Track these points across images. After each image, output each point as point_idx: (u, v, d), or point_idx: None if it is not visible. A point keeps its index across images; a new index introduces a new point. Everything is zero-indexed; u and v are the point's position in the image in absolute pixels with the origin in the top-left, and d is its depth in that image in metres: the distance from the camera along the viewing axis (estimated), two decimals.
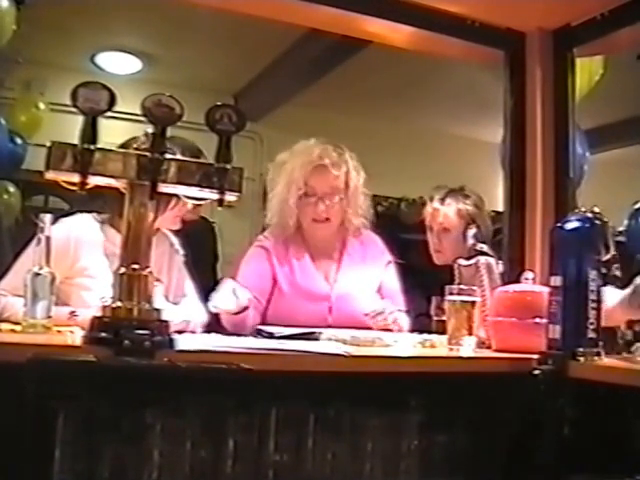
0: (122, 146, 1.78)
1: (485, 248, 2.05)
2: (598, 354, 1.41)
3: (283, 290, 2.18)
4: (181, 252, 2.08)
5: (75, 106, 1.18)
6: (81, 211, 1.94)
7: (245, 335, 1.82)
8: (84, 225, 1.90)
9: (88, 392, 1.09)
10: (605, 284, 1.49)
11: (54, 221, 1.50)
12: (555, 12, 2.06)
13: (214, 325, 1.99)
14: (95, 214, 1.93)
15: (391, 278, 2.30)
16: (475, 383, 1.40)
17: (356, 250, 2.28)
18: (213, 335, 1.70)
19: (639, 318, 1.75)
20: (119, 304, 1.21)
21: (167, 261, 2.02)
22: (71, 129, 1.29)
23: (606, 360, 1.42)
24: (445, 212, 2.54)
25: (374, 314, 2.00)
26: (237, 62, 4.35)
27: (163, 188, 1.26)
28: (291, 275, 2.19)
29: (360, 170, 2.21)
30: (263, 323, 2.03)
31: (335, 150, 2.16)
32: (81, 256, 1.84)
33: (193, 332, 1.84)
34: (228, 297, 1.90)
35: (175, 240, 2.08)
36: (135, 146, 1.80)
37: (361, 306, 2.10)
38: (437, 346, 1.67)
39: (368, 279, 2.25)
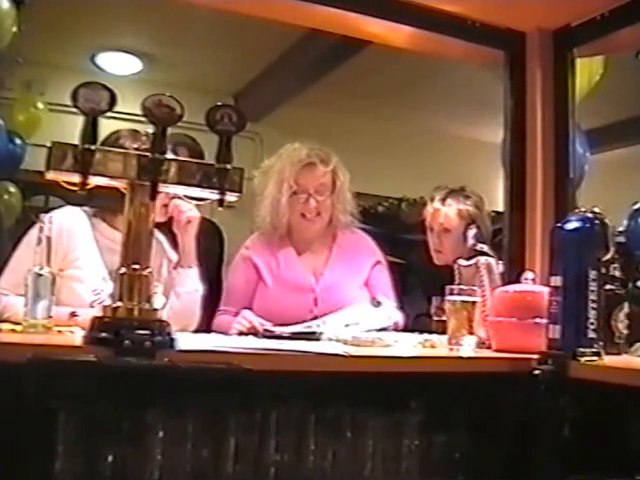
0: (104, 141, 1.78)
1: (485, 248, 2.06)
2: (598, 354, 1.41)
3: (267, 284, 2.24)
4: (170, 253, 2.07)
5: (76, 106, 1.18)
6: (70, 204, 1.95)
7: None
8: (75, 217, 1.92)
9: (88, 392, 1.09)
10: (605, 284, 1.49)
11: None
12: (555, 12, 2.06)
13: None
14: (85, 207, 1.94)
15: (380, 276, 2.33)
16: (475, 383, 1.40)
17: (345, 246, 2.33)
18: (213, 335, 1.70)
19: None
20: (119, 304, 1.21)
21: (159, 260, 2.01)
22: (71, 129, 1.29)
23: (606, 360, 1.42)
24: (446, 212, 2.54)
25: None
26: (237, 62, 4.35)
27: (163, 188, 1.26)
28: (276, 269, 2.26)
29: (345, 169, 2.28)
30: None
31: (321, 149, 2.25)
32: (73, 247, 1.86)
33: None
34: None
35: (162, 237, 2.06)
36: (120, 140, 1.81)
37: (347, 298, 2.16)
38: (437, 346, 1.67)
39: (355, 273, 2.29)
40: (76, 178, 1.19)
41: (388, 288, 2.31)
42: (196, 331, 1.92)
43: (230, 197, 1.28)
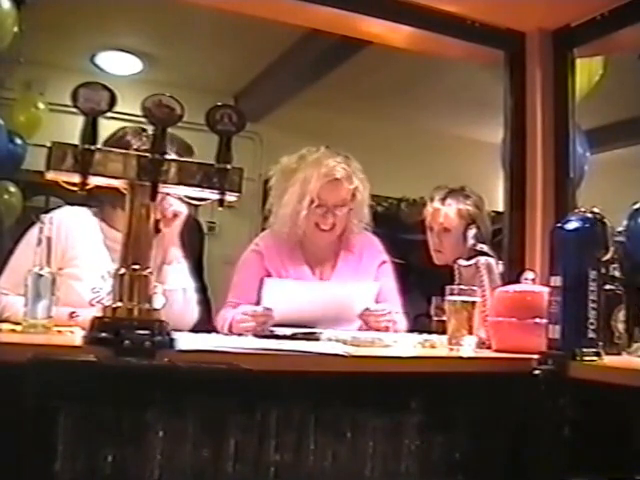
0: (111, 137, 1.79)
1: (485, 248, 2.06)
2: (598, 354, 1.41)
3: None
4: None
5: (76, 106, 1.18)
6: (70, 204, 1.94)
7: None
8: (76, 216, 1.92)
9: (88, 392, 1.09)
10: (605, 284, 1.49)
11: None
12: (555, 12, 2.06)
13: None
14: (88, 207, 1.94)
15: (385, 278, 2.32)
16: (475, 383, 1.40)
17: (353, 252, 2.33)
18: (213, 335, 1.70)
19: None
20: (119, 304, 1.21)
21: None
22: (71, 129, 1.29)
23: (606, 360, 1.42)
24: (446, 212, 2.54)
25: (368, 313, 2.03)
26: (237, 62, 4.35)
27: (164, 189, 1.26)
28: (284, 272, 2.25)
29: (366, 182, 2.27)
30: None
31: (345, 161, 2.22)
32: (71, 245, 1.85)
33: None
34: None
35: None
36: (127, 137, 1.81)
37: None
38: (437, 346, 1.67)
39: (362, 277, 2.29)
40: (76, 178, 1.19)
41: (392, 289, 2.31)
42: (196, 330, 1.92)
43: (230, 197, 1.28)
